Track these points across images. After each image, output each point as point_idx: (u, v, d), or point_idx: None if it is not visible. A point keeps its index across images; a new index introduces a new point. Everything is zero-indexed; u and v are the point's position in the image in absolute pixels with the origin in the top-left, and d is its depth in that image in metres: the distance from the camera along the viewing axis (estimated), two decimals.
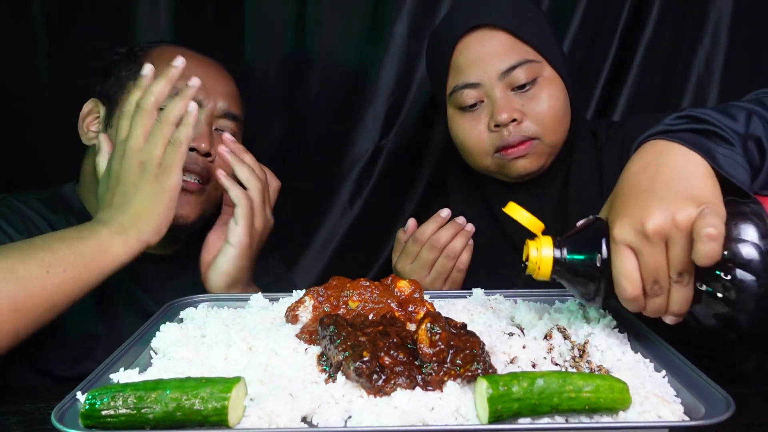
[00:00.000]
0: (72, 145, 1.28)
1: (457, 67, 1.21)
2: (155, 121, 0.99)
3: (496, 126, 1.18)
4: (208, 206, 1.23)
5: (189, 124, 1.00)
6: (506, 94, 1.18)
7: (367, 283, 0.89)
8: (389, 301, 0.87)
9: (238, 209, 1.09)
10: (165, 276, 1.26)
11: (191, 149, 1.15)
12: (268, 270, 1.46)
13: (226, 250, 1.10)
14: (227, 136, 1.10)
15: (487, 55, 1.19)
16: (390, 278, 0.92)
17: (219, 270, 1.10)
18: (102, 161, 1.08)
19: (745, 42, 1.65)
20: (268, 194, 1.16)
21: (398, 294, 0.89)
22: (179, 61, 1.02)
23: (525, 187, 1.28)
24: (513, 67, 1.17)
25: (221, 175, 1.11)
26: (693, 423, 0.64)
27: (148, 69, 1.02)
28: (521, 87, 1.18)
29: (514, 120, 1.17)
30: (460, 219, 1.19)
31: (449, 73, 1.23)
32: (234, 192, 1.09)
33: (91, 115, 1.23)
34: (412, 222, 1.23)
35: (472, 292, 1.00)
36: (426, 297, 0.92)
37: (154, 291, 1.24)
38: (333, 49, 1.68)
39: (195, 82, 1.02)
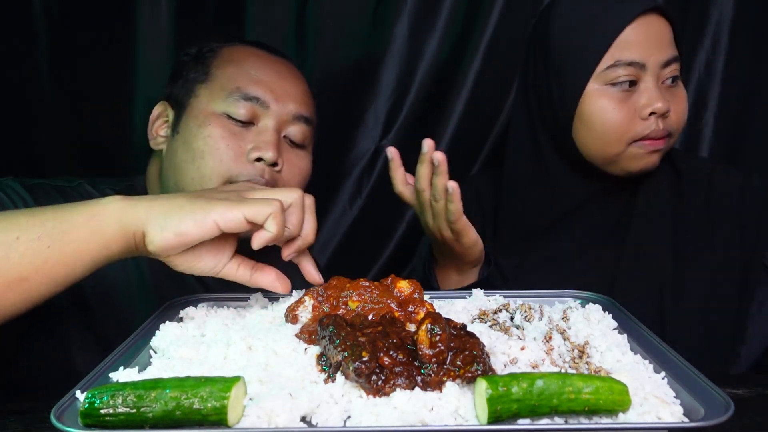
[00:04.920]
0: (71, 142, 1.27)
1: (626, 42, 1.16)
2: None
3: (651, 114, 1.16)
4: None
5: (280, 223, 0.85)
6: (659, 85, 1.18)
7: (367, 284, 0.89)
8: (389, 301, 0.87)
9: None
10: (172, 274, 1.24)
11: (258, 159, 1.10)
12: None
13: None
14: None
15: (657, 41, 1.17)
16: (390, 278, 0.92)
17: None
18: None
19: (746, 43, 1.65)
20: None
21: (398, 294, 0.89)
22: None
23: (593, 191, 1.27)
24: (671, 61, 1.18)
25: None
26: (692, 424, 0.64)
27: None
28: (671, 81, 1.19)
29: (667, 111, 1.17)
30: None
31: (611, 45, 1.16)
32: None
33: (160, 119, 1.20)
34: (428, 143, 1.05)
35: (471, 293, 1.00)
36: (426, 297, 0.92)
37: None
38: (333, 49, 1.68)
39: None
